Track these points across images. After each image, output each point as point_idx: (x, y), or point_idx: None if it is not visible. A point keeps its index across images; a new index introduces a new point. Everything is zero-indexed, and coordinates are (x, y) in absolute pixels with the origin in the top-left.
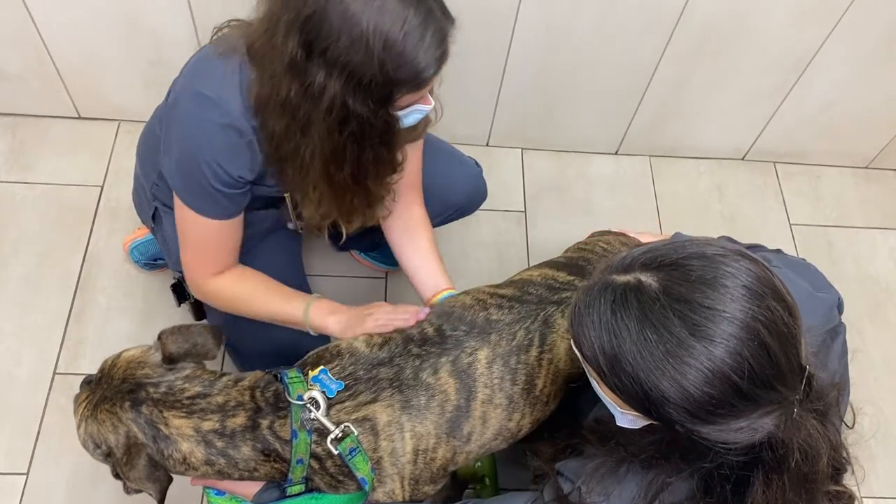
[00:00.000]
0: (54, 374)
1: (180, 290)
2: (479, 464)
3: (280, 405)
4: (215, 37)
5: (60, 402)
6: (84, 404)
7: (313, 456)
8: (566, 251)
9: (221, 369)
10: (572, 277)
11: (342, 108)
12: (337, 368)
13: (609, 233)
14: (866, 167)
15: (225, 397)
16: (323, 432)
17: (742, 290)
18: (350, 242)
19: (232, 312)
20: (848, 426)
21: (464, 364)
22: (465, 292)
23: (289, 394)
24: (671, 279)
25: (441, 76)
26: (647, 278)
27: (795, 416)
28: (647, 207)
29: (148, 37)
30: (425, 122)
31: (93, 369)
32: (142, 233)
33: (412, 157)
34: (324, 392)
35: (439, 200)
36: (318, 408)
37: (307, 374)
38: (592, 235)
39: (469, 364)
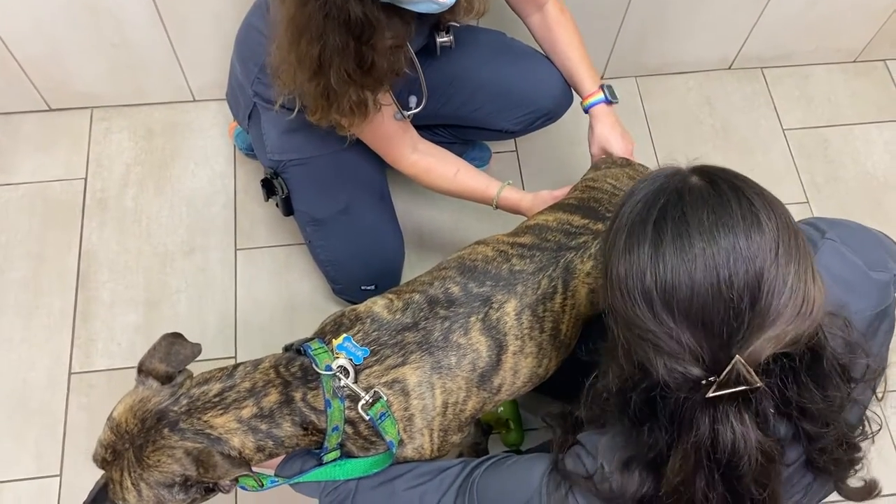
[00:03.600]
0: (70, 374)
1: (269, 186)
2: (501, 409)
3: (309, 377)
4: None
5: (82, 402)
6: (124, 474)
7: (347, 421)
8: (574, 189)
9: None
10: (586, 220)
11: None
12: (359, 335)
13: (614, 164)
14: (854, 61)
15: (251, 382)
16: (355, 398)
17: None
18: None
19: (426, 187)
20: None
21: (493, 320)
22: (484, 242)
23: (316, 365)
24: (694, 186)
25: None
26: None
27: (708, 396)
28: (639, 129)
29: (109, 20)
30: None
31: (107, 364)
32: (232, 127)
33: None
34: (350, 359)
35: (524, 105)
36: (347, 375)
37: (330, 343)
38: (599, 164)
39: (498, 319)
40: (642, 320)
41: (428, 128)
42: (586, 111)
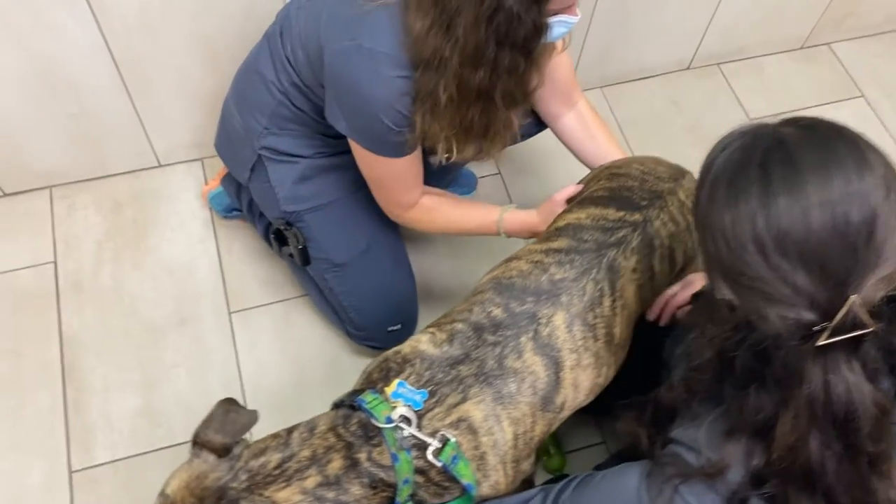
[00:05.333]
0: (70, 473)
1: (281, 238)
2: None
3: (370, 434)
4: None
5: (89, 501)
6: None
7: (417, 471)
8: (598, 180)
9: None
10: (622, 213)
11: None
12: (412, 377)
13: (636, 159)
14: (801, 47)
15: (310, 449)
16: (421, 446)
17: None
18: None
19: (428, 231)
20: None
21: (544, 337)
22: (517, 256)
23: (375, 419)
24: (793, 134)
25: None
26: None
27: (820, 344)
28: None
29: (66, 90)
30: (561, 43)
31: (109, 456)
32: (213, 184)
33: (563, 62)
34: (409, 406)
35: None
36: (409, 424)
37: (383, 392)
38: (618, 162)
39: (549, 335)
40: (753, 268)
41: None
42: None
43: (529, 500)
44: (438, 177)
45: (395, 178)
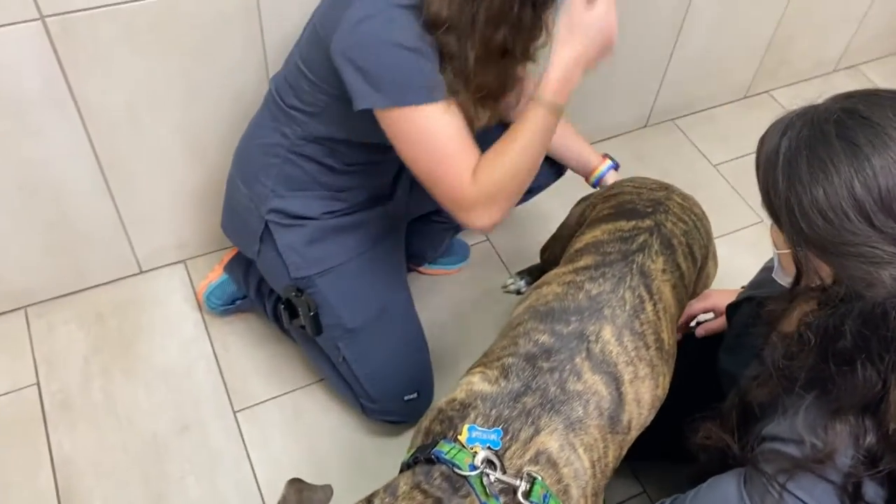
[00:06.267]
0: None
1: (292, 308)
2: None
3: (456, 485)
4: None
5: None
6: None
7: None
8: (593, 206)
9: None
10: (633, 221)
11: None
12: (480, 419)
13: (626, 180)
14: (745, 97)
15: None
16: (508, 489)
17: None
18: (414, 259)
19: (513, 193)
20: None
21: (598, 353)
22: (546, 283)
23: (459, 468)
24: (856, 101)
25: None
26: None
27: None
28: None
29: (46, 195)
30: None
31: None
32: (215, 275)
33: None
34: (489, 447)
35: None
36: (494, 467)
37: (458, 441)
38: (609, 186)
39: (602, 350)
40: (858, 235)
41: (426, 217)
42: (596, 183)
43: None
44: (435, 244)
45: (447, 138)
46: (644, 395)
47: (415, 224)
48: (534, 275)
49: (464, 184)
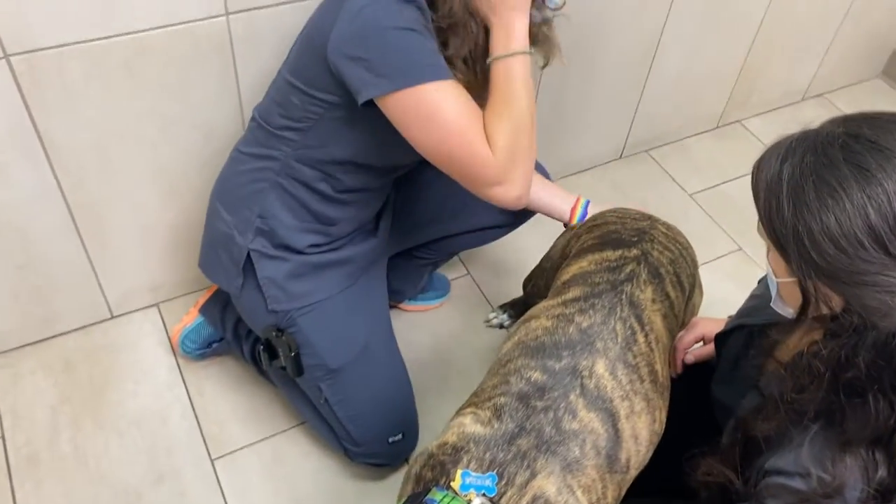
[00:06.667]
0: None
1: (272, 349)
2: None
3: None
4: None
5: None
6: None
7: None
8: (578, 237)
9: None
10: (619, 251)
11: None
12: (473, 464)
13: (607, 211)
14: (717, 126)
15: None
16: None
17: None
18: (394, 296)
19: (532, 151)
20: None
21: (592, 389)
22: (535, 316)
23: None
24: (858, 124)
25: None
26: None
27: None
28: None
29: (10, 237)
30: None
31: None
32: (190, 318)
33: None
34: (483, 493)
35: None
36: None
37: (451, 488)
38: (592, 217)
39: (596, 386)
40: (873, 263)
41: (406, 253)
42: (579, 221)
43: None
44: (415, 280)
45: (459, 114)
46: (641, 430)
47: (395, 260)
48: (516, 308)
49: (487, 156)
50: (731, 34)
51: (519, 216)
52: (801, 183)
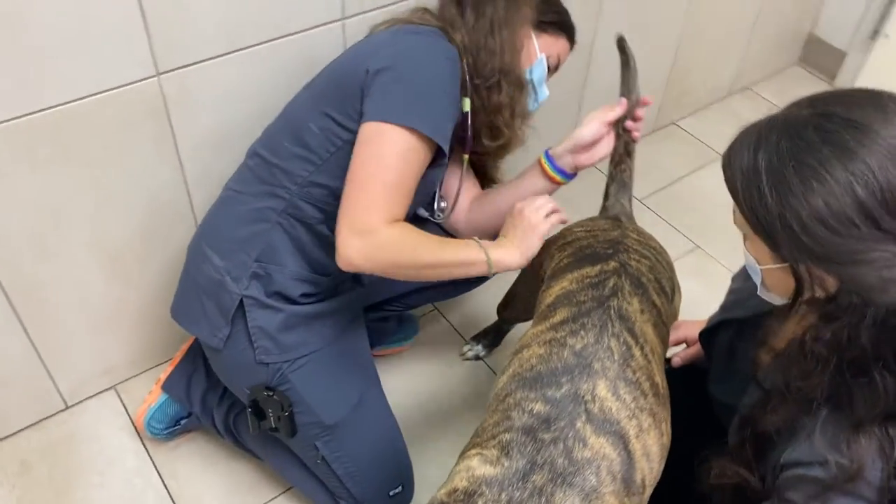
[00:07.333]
0: None
1: (259, 411)
2: None
3: None
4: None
5: None
6: None
7: None
8: (550, 258)
9: None
10: (597, 266)
11: None
12: None
13: (574, 225)
14: (654, 130)
15: None
16: None
17: None
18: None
19: (393, 265)
20: None
21: (597, 413)
22: (525, 346)
23: None
24: (826, 103)
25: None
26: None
27: None
28: None
29: None
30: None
31: None
32: (153, 397)
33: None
34: None
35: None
36: None
37: None
38: (560, 234)
39: (601, 409)
40: (866, 241)
41: (377, 306)
42: (559, 171)
43: None
44: (388, 330)
45: (406, 175)
46: (652, 447)
47: (366, 311)
48: (489, 336)
49: (378, 215)
50: (657, 40)
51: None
52: (781, 169)
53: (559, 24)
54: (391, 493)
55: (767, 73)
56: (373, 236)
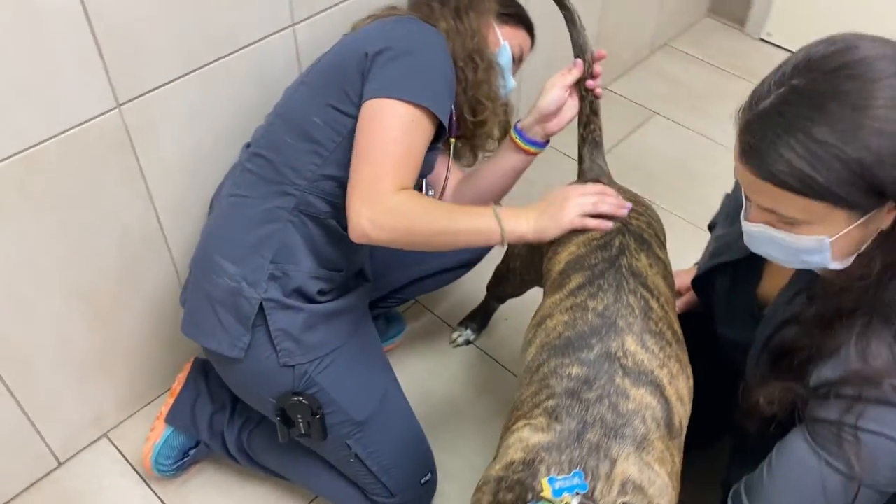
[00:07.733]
0: None
1: (288, 419)
2: None
3: None
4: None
5: None
6: None
7: None
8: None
9: None
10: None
11: None
12: (554, 470)
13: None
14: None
15: None
16: None
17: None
18: None
19: (406, 232)
20: None
21: (632, 367)
22: (548, 316)
23: None
24: (817, 64)
25: None
26: (796, 81)
27: None
28: None
29: None
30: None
31: None
32: (157, 433)
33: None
34: (577, 492)
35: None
36: None
37: (545, 498)
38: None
39: (634, 362)
40: None
41: (379, 301)
42: (530, 142)
43: None
44: (378, 328)
45: (410, 147)
46: (682, 390)
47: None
48: (477, 319)
49: (386, 183)
50: (582, 9)
51: (478, 253)
52: (824, 135)
53: (518, 17)
54: (422, 482)
55: (682, 27)
56: (383, 203)
